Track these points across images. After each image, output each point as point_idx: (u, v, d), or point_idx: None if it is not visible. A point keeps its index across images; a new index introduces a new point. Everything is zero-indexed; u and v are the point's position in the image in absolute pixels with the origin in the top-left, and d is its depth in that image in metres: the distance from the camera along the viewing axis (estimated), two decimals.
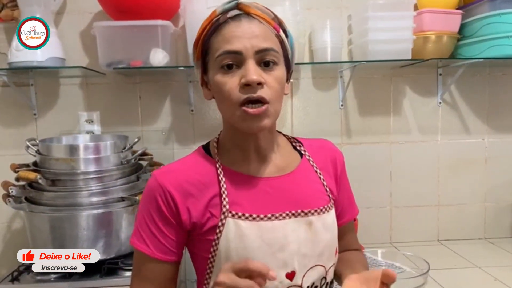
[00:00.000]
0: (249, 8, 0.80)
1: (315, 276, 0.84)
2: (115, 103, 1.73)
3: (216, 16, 0.81)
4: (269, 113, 0.79)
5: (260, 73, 0.78)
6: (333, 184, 0.94)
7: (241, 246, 0.79)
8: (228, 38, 0.78)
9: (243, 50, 0.77)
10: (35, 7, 1.50)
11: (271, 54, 0.79)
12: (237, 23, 0.79)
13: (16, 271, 1.39)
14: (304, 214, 0.84)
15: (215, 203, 0.82)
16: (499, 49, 1.53)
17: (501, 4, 1.53)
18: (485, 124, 1.81)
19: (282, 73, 0.82)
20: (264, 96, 0.77)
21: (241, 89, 0.77)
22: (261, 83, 0.77)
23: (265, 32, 0.79)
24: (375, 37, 1.55)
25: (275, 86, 0.79)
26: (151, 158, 1.59)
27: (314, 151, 0.95)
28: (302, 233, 0.83)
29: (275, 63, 0.80)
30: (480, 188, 1.83)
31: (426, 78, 1.79)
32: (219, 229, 0.80)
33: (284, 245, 0.81)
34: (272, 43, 0.79)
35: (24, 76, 1.66)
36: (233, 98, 0.78)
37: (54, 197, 1.34)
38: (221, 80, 0.79)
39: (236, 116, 0.79)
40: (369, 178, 1.77)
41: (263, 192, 0.84)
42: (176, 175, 0.84)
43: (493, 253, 1.68)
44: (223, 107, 0.83)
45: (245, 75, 0.76)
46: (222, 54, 0.78)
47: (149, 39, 1.52)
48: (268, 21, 0.81)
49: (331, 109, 1.78)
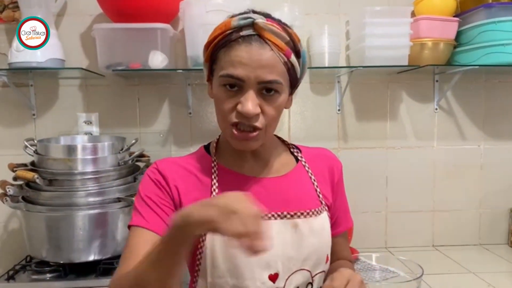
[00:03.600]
0: (264, 31, 0.78)
1: (300, 280, 0.84)
2: (113, 105, 1.74)
3: (230, 29, 0.79)
4: (258, 138, 0.82)
5: (259, 102, 0.79)
6: (329, 191, 0.95)
7: (225, 244, 0.80)
8: (234, 62, 0.78)
9: (246, 79, 0.78)
10: (36, 8, 1.51)
11: (273, 85, 0.79)
12: (247, 46, 0.78)
13: (12, 270, 1.40)
14: (290, 216, 0.84)
15: (205, 197, 0.84)
16: (495, 57, 1.55)
17: (497, 12, 1.54)
18: (480, 130, 1.82)
19: (283, 100, 0.83)
20: (257, 125, 0.80)
21: (237, 114, 0.79)
22: (257, 115, 0.79)
23: (273, 62, 0.78)
24: (372, 43, 1.56)
25: (272, 114, 0.82)
26: (148, 160, 1.60)
27: (311, 158, 0.96)
28: (288, 236, 0.83)
29: (277, 92, 0.81)
30: (475, 194, 1.84)
31: (422, 84, 1.80)
32: None
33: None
34: (277, 75, 0.79)
35: (24, 76, 1.67)
36: (226, 118, 0.81)
37: (51, 197, 1.35)
38: (221, 96, 0.81)
39: (227, 132, 0.83)
40: (365, 183, 1.78)
41: (253, 192, 0.85)
42: (173, 164, 0.89)
43: (488, 259, 1.69)
44: (218, 119, 0.86)
45: (242, 105, 0.78)
46: (225, 76, 0.79)
47: (149, 42, 1.54)
48: (280, 48, 0.79)
49: (328, 113, 1.79)
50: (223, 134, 0.86)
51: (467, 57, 1.65)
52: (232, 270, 0.81)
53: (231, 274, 0.81)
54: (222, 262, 0.81)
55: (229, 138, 0.84)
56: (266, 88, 0.79)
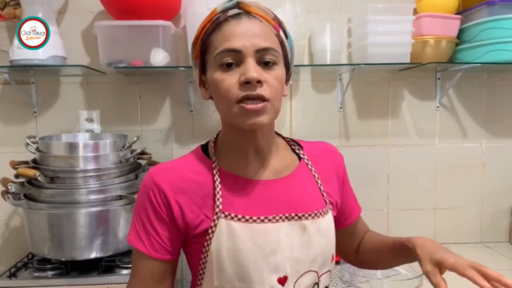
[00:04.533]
0: (250, 7, 0.80)
1: (308, 282, 0.83)
2: (115, 102, 1.73)
3: (216, 15, 0.81)
4: (267, 110, 0.78)
5: (260, 71, 0.77)
6: (334, 188, 0.93)
7: (233, 248, 0.78)
8: (228, 36, 0.77)
9: (243, 49, 0.76)
10: (37, 5, 1.51)
11: (271, 53, 0.78)
12: (237, 21, 0.78)
13: (14, 267, 1.40)
14: (298, 217, 0.83)
15: (209, 204, 0.82)
16: (497, 54, 1.54)
17: (499, 10, 1.53)
18: (482, 128, 1.82)
19: (281, 72, 0.81)
20: (263, 94, 0.76)
21: (240, 87, 0.76)
22: (260, 81, 0.76)
23: (265, 31, 0.79)
24: (374, 41, 1.56)
25: (275, 85, 0.79)
26: (150, 157, 1.60)
27: (313, 155, 0.94)
28: (296, 238, 0.82)
29: (274, 63, 0.79)
30: (477, 192, 1.84)
31: (424, 82, 1.80)
32: (212, 230, 0.80)
33: (276, 249, 0.80)
34: (272, 43, 0.79)
35: (25, 74, 1.67)
36: (231, 95, 0.77)
37: (53, 194, 1.35)
38: (220, 77, 0.78)
39: (234, 113, 0.78)
40: (366, 181, 1.78)
41: (258, 195, 0.84)
42: (170, 173, 0.84)
43: (490, 257, 1.68)
44: (221, 105, 0.82)
45: (244, 73, 0.76)
46: (221, 52, 0.77)
47: (150, 39, 1.53)
48: (268, 21, 0.80)
49: (329, 111, 1.79)
50: (231, 117, 0.80)
51: (469, 55, 1.65)
52: (240, 274, 0.79)
53: (238, 278, 0.79)
54: (229, 266, 0.79)
55: (236, 118, 0.79)
56: (264, 61, 0.78)
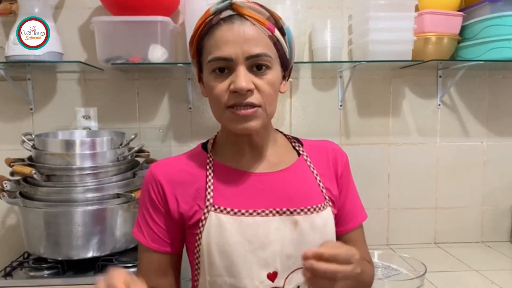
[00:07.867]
0: (243, 9, 0.79)
1: (301, 279, 0.81)
2: (112, 99, 1.71)
3: (209, 16, 0.81)
4: (259, 115, 0.79)
5: (251, 78, 0.78)
6: (333, 185, 0.92)
7: (222, 241, 0.79)
8: (219, 43, 0.78)
9: (234, 57, 0.77)
10: (34, 1, 1.48)
11: (262, 59, 0.78)
12: (229, 26, 0.78)
13: (9, 266, 1.38)
14: (290, 212, 0.83)
15: (201, 195, 0.84)
16: (499, 52, 1.53)
17: (502, 7, 1.52)
18: (484, 127, 1.80)
19: (275, 76, 0.81)
20: (253, 102, 0.78)
21: (231, 94, 0.78)
22: (250, 90, 0.77)
23: (257, 36, 0.78)
24: (376, 38, 1.54)
25: (267, 90, 0.79)
26: (148, 155, 1.58)
27: (313, 152, 0.94)
28: (287, 233, 0.81)
29: (267, 67, 0.80)
30: (478, 191, 1.82)
31: (426, 79, 1.78)
32: (202, 223, 0.81)
33: (266, 244, 0.80)
34: (264, 48, 0.78)
35: (22, 70, 1.65)
36: (221, 102, 0.79)
37: (49, 192, 1.33)
38: (212, 83, 0.80)
39: (225, 117, 0.81)
40: (367, 179, 1.76)
41: (251, 188, 0.84)
42: (168, 167, 0.88)
43: (491, 257, 1.67)
44: (213, 109, 0.84)
45: (234, 82, 0.77)
46: (213, 60, 0.79)
47: (148, 35, 1.51)
48: (262, 22, 0.79)
49: (330, 109, 1.77)
50: (222, 121, 0.84)
51: (471, 52, 1.63)
52: (229, 269, 0.80)
53: (228, 273, 0.80)
54: (219, 260, 0.80)
55: (228, 123, 0.82)
56: (256, 65, 0.78)
